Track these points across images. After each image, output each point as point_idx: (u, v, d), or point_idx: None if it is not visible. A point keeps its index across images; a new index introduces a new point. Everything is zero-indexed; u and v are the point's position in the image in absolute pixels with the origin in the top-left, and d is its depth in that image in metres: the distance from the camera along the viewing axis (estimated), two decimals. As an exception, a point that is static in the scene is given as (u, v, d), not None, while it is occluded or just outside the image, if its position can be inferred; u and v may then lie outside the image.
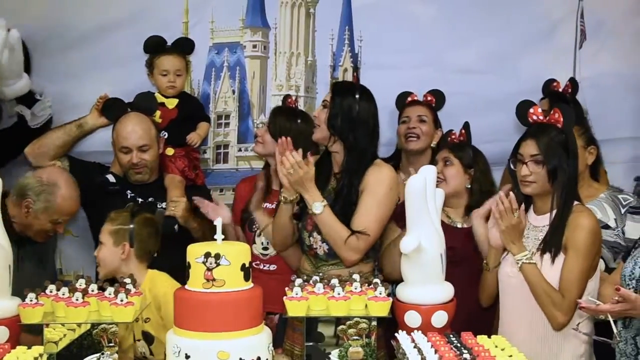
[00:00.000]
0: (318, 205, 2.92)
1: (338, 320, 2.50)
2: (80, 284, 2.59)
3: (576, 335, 2.74)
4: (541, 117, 2.86)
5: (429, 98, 3.74)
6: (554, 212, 2.81)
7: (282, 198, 3.06)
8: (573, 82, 3.79)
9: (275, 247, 3.30)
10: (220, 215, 3.06)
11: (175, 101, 3.66)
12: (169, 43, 3.69)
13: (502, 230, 2.79)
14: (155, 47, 3.66)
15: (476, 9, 4.11)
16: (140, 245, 3.04)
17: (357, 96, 3.03)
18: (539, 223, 2.86)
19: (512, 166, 2.89)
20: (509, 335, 2.59)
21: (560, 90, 3.77)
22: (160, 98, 3.63)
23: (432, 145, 3.61)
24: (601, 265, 3.15)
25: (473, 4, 4.11)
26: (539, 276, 2.74)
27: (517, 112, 2.97)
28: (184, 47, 3.74)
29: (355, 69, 3.06)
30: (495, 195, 2.93)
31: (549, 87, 3.81)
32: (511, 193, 2.81)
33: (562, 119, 2.81)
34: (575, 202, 2.82)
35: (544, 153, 2.80)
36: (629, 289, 2.51)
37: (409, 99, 3.75)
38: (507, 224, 2.77)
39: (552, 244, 2.77)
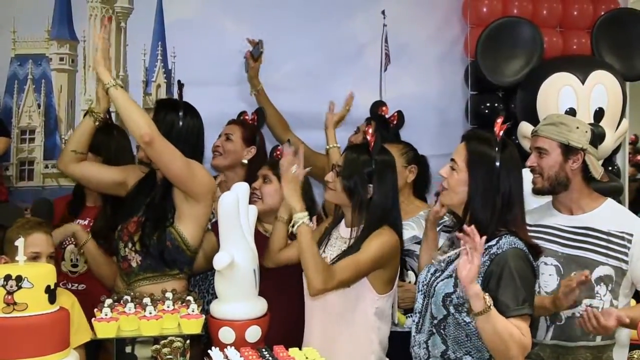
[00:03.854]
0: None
1: (156, 340, 2.45)
2: None
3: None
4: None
5: (247, 117, 3.77)
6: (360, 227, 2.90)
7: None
8: (400, 115, 3.93)
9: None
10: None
11: None
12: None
13: (286, 182, 2.83)
14: None
15: (288, 28, 4.23)
16: None
17: (180, 113, 3.01)
18: (345, 235, 2.96)
19: None
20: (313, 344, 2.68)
21: (387, 116, 3.93)
22: None
23: (243, 162, 3.61)
24: (412, 277, 3.36)
25: (285, 25, 4.22)
26: (312, 241, 2.77)
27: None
28: None
29: (180, 85, 3.04)
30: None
31: (376, 109, 3.97)
32: None
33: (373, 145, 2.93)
34: (385, 227, 2.88)
35: (343, 168, 2.93)
36: (420, 293, 2.67)
37: None
38: (289, 176, 2.83)
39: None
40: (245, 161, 3.59)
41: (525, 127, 4.07)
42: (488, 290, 2.38)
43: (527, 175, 2.80)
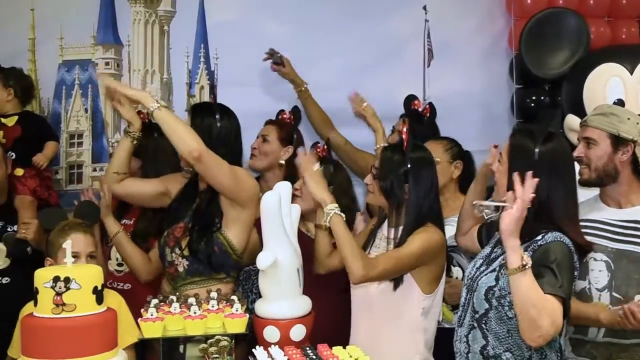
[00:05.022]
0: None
1: (206, 340, 2.48)
2: None
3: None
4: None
5: (285, 115, 3.79)
6: (400, 227, 2.89)
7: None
8: (431, 107, 3.92)
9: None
10: None
11: (15, 118, 3.52)
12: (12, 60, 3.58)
13: (309, 179, 2.85)
14: None
15: (329, 28, 4.24)
16: None
17: (217, 115, 3.03)
18: (388, 235, 2.94)
19: None
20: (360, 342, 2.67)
21: (420, 110, 3.91)
22: None
23: (280, 162, 3.62)
24: (459, 273, 3.33)
25: (325, 24, 4.24)
26: (346, 229, 2.78)
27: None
28: None
29: (212, 87, 3.06)
30: None
31: (409, 104, 3.94)
32: None
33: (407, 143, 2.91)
34: (429, 224, 2.87)
35: (379, 169, 2.92)
36: (465, 288, 2.64)
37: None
38: (310, 173, 2.85)
39: None
40: (283, 162, 3.61)
41: (571, 120, 3.99)
42: None
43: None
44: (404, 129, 2.98)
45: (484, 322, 2.48)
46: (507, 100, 4.54)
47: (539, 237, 2.42)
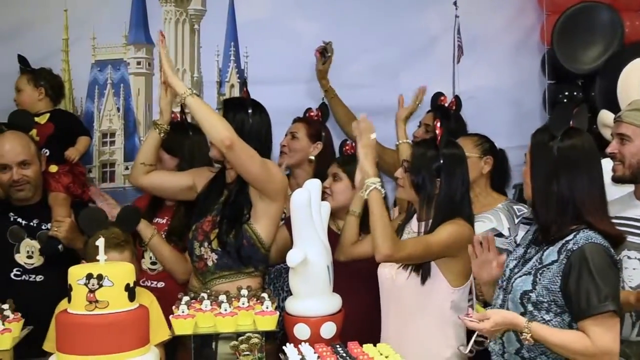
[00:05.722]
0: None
1: (237, 337, 2.50)
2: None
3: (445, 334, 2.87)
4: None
5: (312, 113, 3.80)
6: (430, 222, 2.89)
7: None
8: (457, 100, 3.93)
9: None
10: (112, 215, 3.02)
11: (47, 116, 3.58)
12: (46, 60, 3.63)
13: (361, 147, 2.83)
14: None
15: (358, 25, 4.24)
16: None
17: (250, 111, 3.05)
18: (417, 229, 2.93)
19: None
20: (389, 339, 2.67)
21: (446, 105, 3.90)
22: None
23: (310, 158, 3.63)
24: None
25: (354, 21, 4.24)
26: (383, 206, 2.77)
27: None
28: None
29: (244, 83, 3.08)
30: None
31: (436, 101, 3.93)
32: None
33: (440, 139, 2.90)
34: (459, 218, 2.86)
35: (410, 163, 2.91)
36: (499, 288, 2.62)
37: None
38: (364, 142, 2.83)
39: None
40: (312, 157, 3.62)
41: (605, 116, 3.93)
42: (567, 289, 2.31)
43: (607, 165, 2.71)
44: (438, 125, 2.96)
45: None
46: (538, 96, 4.49)
47: (570, 237, 2.39)
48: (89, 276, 2.22)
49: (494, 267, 2.56)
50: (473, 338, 2.49)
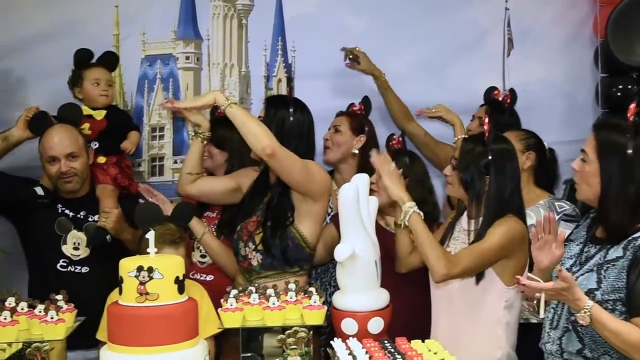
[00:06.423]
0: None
1: (284, 331, 2.50)
2: (10, 302, 2.53)
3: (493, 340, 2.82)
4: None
5: (354, 108, 3.77)
6: (480, 219, 2.84)
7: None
8: (512, 93, 3.88)
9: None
10: (164, 210, 3.04)
11: (104, 112, 3.61)
12: (97, 56, 3.65)
13: (386, 178, 2.83)
14: (84, 59, 3.62)
15: (406, 19, 4.20)
16: None
17: (291, 109, 3.04)
18: (468, 227, 2.90)
19: None
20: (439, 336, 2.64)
21: (500, 99, 3.85)
22: (87, 110, 3.57)
23: (353, 151, 3.61)
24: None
25: (403, 15, 4.20)
26: (426, 228, 2.75)
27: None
28: (110, 62, 3.70)
29: (289, 80, 3.08)
30: None
31: (489, 95, 3.88)
32: None
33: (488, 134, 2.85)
34: (509, 215, 2.81)
35: (458, 160, 2.88)
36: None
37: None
38: (388, 175, 2.83)
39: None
40: (356, 151, 3.60)
41: (660, 111, 3.84)
42: (628, 282, 2.25)
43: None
44: (486, 119, 2.91)
45: (580, 325, 2.37)
46: (591, 89, 4.39)
47: (637, 235, 2.34)
48: (140, 268, 2.25)
49: (554, 249, 2.47)
50: (542, 299, 2.40)
